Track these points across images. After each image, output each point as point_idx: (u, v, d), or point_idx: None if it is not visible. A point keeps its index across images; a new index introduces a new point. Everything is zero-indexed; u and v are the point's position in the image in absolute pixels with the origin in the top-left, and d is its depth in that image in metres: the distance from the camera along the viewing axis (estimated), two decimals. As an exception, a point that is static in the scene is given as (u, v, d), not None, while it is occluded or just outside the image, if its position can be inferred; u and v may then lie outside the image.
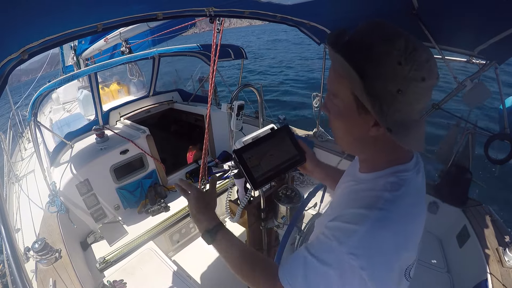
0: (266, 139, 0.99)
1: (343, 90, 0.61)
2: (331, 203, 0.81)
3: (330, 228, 0.60)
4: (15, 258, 1.09)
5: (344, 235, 0.56)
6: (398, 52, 0.52)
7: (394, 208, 0.58)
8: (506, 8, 1.00)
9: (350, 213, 0.60)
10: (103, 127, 3.05)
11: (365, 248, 0.55)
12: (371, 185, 0.66)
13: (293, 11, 1.81)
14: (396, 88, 0.53)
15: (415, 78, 0.52)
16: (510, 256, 1.69)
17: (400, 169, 0.64)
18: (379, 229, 0.56)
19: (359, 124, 0.61)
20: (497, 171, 1.96)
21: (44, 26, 1.05)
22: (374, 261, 0.55)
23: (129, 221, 2.81)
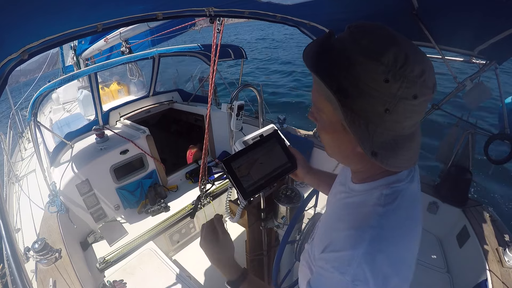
0: (255, 146, 0.95)
1: (327, 107, 0.57)
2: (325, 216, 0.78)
3: (327, 261, 0.58)
4: (15, 258, 1.09)
5: (343, 264, 0.54)
6: (386, 68, 0.46)
7: (388, 222, 0.56)
8: (506, 8, 1.00)
9: (343, 237, 0.58)
10: (103, 127, 3.05)
11: (367, 271, 0.52)
12: (364, 197, 0.63)
13: (293, 11, 1.81)
14: (383, 108, 0.48)
15: (406, 96, 0.47)
16: (510, 256, 1.69)
17: (394, 180, 0.61)
18: (376, 247, 0.54)
19: (346, 141, 0.59)
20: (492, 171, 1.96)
21: (44, 26, 1.05)
22: (379, 281, 0.53)
23: (129, 221, 2.81)
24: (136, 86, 4.92)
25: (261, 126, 1.86)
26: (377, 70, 0.46)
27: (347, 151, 0.61)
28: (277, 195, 1.63)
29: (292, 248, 1.47)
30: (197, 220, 2.95)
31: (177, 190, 3.24)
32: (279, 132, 1.35)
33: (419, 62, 0.47)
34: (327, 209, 0.81)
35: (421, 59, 0.48)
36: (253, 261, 1.86)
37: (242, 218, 1.57)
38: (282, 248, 1.30)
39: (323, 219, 0.78)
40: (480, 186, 4.44)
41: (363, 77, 0.48)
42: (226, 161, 0.89)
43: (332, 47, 0.53)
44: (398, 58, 0.46)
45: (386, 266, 0.53)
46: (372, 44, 0.48)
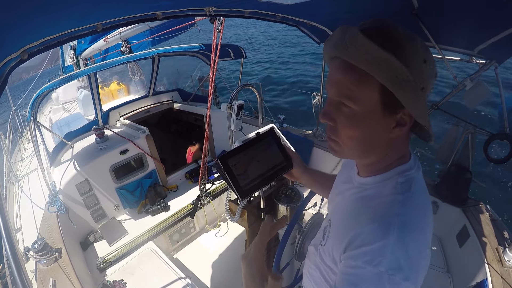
0: (252, 144, 0.92)
1: (366, 90, 0.56)
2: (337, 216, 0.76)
3: (356, 257, 0.57)
4: (15, 258, 1.09)
5: (375, 256, 0.54)
6: (422, 50, 0.53)
7: (411, 209, 0.57)
8: (506, 8, 1.00)
9: (369, 230, 0.57)
10: (102, 127, 3.05)
11: (401, 258, 0.53)
12: (380, 189, 0.64)
13: (293, 10, 1.81)
14: (421, 86, 0.54)
15: (432, 75, 0.55)
16: (510, 256, 1.69)
17: (405, 168, 0.63)
18: (407, 234, 0.54)
19: (381, 127, 0.59)
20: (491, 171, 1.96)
21: (44, 26, 1.05)
22: (413, 267, 0.54)
23: (129, 221, 2.81)
24: (136, 86, 4.92)
25: (261, 126, 1.86)
26: (419, 52, 0.53)
27: (379, 140, 0.61)
28: (277, 195, 1.63)
29: (293, 248, 1.47)
30: (197, 219, 2.95)
31: (177, 190, 3.24)
32: (276, 130, 1.35)
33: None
34: (336, 209, 0.79)
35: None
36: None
37: (242, 218, 1.57)
38: (282, 247, 1.30)
39: (334, 220, 0.76)
40: (480, 185, 4.44)
41: (411, 56, 0.52)
42: (223, 158, 0.86)
43: (368, 29, 0.54)
44: (423, 44, 0.54)
45: (416, 251, 0.54)
46: (405, 30, 0.54)
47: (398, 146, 0.63)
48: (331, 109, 0.62)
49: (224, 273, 2.54)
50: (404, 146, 0.64)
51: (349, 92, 0.57)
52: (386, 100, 0.55)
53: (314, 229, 1.58)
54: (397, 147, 0.63)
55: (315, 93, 3.30)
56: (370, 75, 0.53)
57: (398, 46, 0.52)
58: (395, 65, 0.50)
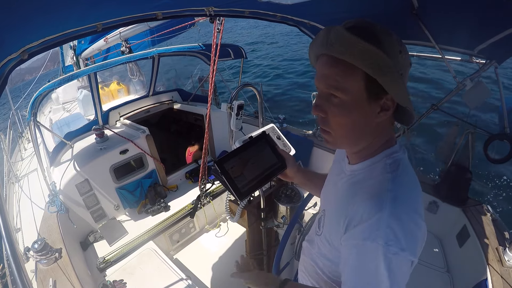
0: (246, 147, 0.97)
1: (352, 80, 0.62)
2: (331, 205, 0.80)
3: (355, 236, 0.61)
4: (15, 258, 1.09)
5: (372, 230, 0.57)
6: (397, 43, 0.61)
7: (400, 185, 0.62)
8: (506, 8, 1.00)
9: (362, 209, 0.61)
10: (102, 127, 3.05)
11: (396, 229, 0.56)
12: (369, 172, 0.69)
13: (293, 10, 1.81)
14: (400, 72, 0.60)
15: (407, 64, 0.63)
16: (510, 256, 1.69)
17: (392, 151, 0.69)
18: (399, 207, 0.58)
19: (367, 113, 0.64)
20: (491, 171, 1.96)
21: (44, 26, 1.05)
22: (409, 238, 0.56)
23: (129, 221, 2.81)
24: (136, 86, 4.92)
25: (261, 126, 1.86)
26: (395, 44, 0.61)
27: (366, 125, 0.66)
28: (277, 195, 1.64)
29: (293, 248, 1.47)
30: (197, 219, 2.95)
31: (177, 189, 3.24)
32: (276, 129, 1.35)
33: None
34: (329, 198, 0.83)
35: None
36: (253, 261, 1.86)
37: (242, 218, 1.57)
38: (282, 247, 1.30)
39: (328, 208, 0.80)
40: (480, 185, 4.44)
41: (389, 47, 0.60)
42: (219, 162, 0.90)
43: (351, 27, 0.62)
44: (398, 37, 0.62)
45: (410, 222, 0.58)
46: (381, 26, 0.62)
47: (384, 131, 0.69)
48: (321, 101, 0.67)
49: (224, 273, 2.54)
50: (388, 131, 0.70)
51: (337, 83, 0.63)
52: (370, 88, 0.61)
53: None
54: (383, 132, 0.69)
55: (315, 93, 3.30)
56: (354, 66, 0.60)
57: (377, 39, 0.59)
58: (377, 54, 0.57)
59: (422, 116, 2.18)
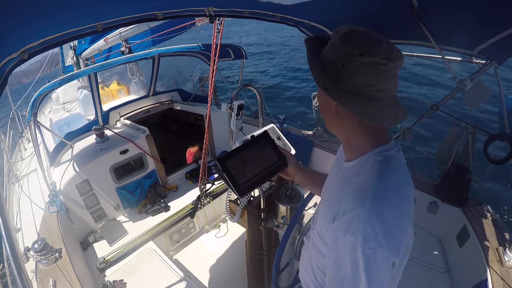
0: (247, 146, 0.99)
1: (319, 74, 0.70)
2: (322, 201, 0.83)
3: (338, 228, 0.62)
4: (15, 258, 1.09)
5: (352, 224, 0.59)
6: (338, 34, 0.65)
7: (386, 182, 0.63)
8: (506, 8, 1.00)
9: (346, 202, 0.63)
10: (103, 127, 3.05)
11: (376, 225, 0.57)
12: (358, 169, 0.71)
13: (293, 11, 1.81)
14: (340, 62, 0.64)
15: (353, 53, 0.62)
16: (510, 256, 1.69)
17: (383, 149, 0.70)
18: (381, 204, 0.59)
19: (326, 102, 0.72)
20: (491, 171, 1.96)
21: (44, 26, 1.05)
22: (390, 235, 0.57)
23: (129, 221, 2.81)
24: (136, 86, 4.92)
25: (261, 126, 1.86)
26: (336, 38, 0.66)
27: (329, 113, 0.74)
28: (277, 195, 1.63)
29: (293, 248, 1.47)
30: (197, 220, 2.95)
31: (177, 190, 3.24)
32: (276, 130, 1.35)
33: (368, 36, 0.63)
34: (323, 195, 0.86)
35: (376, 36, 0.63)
36: (253, 261, 1.86)
37: (242, 218, 1.57)
38: (282, 248, 1.30)
39: (322, 203, 0.83)
40: (480, 185, 4.43)
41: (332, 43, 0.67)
42: (221, 159, 0.92)
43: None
44: (350, 31, 0.65)
45: (392, 220, 0.58)
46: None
47: (369, 130, 0.71)
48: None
49: (224, 273, 2.54)
50: (379, 131, 0.71)
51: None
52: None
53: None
54: (368, 130, 0.71)
55: (315, 93, 3.30)
56: None
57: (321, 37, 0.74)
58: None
59: (422, 116, 2.17)
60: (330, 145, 3.15)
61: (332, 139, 3.21)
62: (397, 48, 0.63)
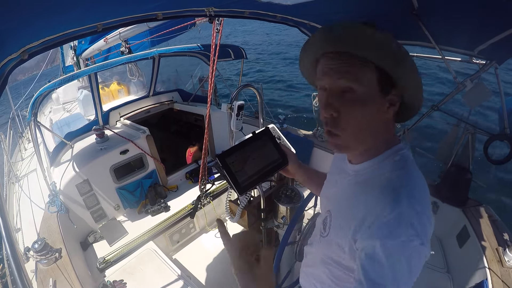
0: (248, 142, 0.97)
1: (367, 74, 0.61)
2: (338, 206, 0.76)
3: (373, 236, 0.57)
4: (15, 258, 1.09)
5: (392, 228, 0.56)
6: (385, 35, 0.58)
7: (412, 180, 0.62)
8: (506, 8, 1.00)
9: (379, 207, 0.59)
10: (103, 127, 3.05)
11: (416, 224, 0.55)
12: (378, 170, 0.67)
13: (293, 11, 1.81)
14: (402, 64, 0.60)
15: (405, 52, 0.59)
16: (510, 256, 1.68)
17: (398, 148, 0.68)
18: (415, 202, 0.57)
19: (379, 108, 0.63)
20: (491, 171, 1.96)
21: (44, 26, 1.05)
22: (424, 231, 0.56)
23: (129, 221, 2.81)
24: (136, 86, 4.92)
25: (261, 126, 1.86)
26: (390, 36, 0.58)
27: (378, 121, 0.65)
28: (277, 195, 1.64)
29: (293, 248, 1.47)
30: (197, 220, 2.95)
31: (177, 190, 3.24)
32: (276, 130, 1.35)
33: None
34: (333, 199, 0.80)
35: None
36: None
37: (242, 218, 1.57)
38: (282, 248, 1.30)
39: (335, 209, 0.77)
40: (480, 186, 4.43)
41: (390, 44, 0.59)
42: (221, 156, 0.91)
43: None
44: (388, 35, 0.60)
45: (425, 217, 0.57)
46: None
47: (388, 128, 0.68)
48: (333, 99, 0.63)
49: (224, 273, 2.54)
50: (392, 129, 0.70)
51: (352, 75, 0.61)
52: (382, 81, 0.61)
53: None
54: (387, 129, 0.68)
55: (315, 94, 3.29)
56: (366, 59, 0.59)
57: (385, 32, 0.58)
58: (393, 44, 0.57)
59: (422, 116, 2.17)
60: (330, 145, 3.14)
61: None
62: None
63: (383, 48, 0.58)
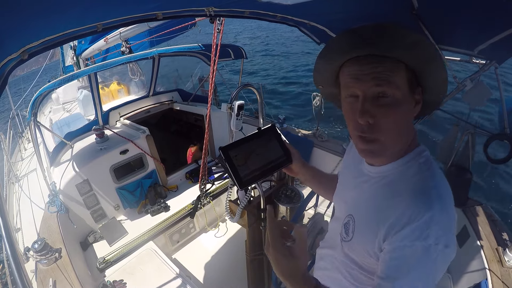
0: (252, 138, 0.96)
1: (400, 75, 0.61)
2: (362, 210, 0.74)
3: (403, 238, 0.57)
4: (15, 258, 1.09)
5: (423, 230, 0.56)
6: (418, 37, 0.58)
7: (440, 181, 0.63)
8: (506, 8, 1.00)
9: (412, 208, 0.58)
10: (103, 127, 3.05)
11: (444, 226, 0.56)
12: (403, 173, 0.67)
13: (293, 11, 1.81)
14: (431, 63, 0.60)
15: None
16: (510, 256, 1.68)
17: (421, 150, 0.68)
18: (445, 203, 0.59)
19: (412, 106, 0.64)
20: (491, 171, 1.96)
21: (44, 26, 1.05)
22: (451, 233, 0.57)
23: (129, 221, 2.81)
24: (136, 86, 4.92)
25: (261, 126, 1.86)
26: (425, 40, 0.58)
27: (410, 121, 0.67)
28: (277, 195, 1.63)
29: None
30: (197, 220, 2.95)
31: (177, 190, 3.24)
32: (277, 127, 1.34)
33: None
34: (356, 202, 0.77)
35: None
36: (253, 261, 1.86)
37: (242, 218, 1.57)
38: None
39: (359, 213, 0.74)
40: (480, 186, 4.44)
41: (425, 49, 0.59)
42: (224, 148, 0.90)
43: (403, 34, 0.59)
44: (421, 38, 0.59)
45: (453, 218, 0.58)
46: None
47: (411, 128, 0.68)
48: (369, 105, 0.61)
49: (224, 273, 2.54)
50: (413, 128, 0.69)
51: (389, 78, 0.60)
52: (411, 80, 0.62)
53: (315, 229, 1.58)
54: (411, 129, 0.68)
55: (315, 94, 3.30)
56: (398, 61, 0.59)
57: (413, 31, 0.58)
58: (426, 43, 0.57)
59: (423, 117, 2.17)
60: (330, 145, 3.15)
61: (332, 139, 3.21)
62: None
63: (417, 49, 0.57)
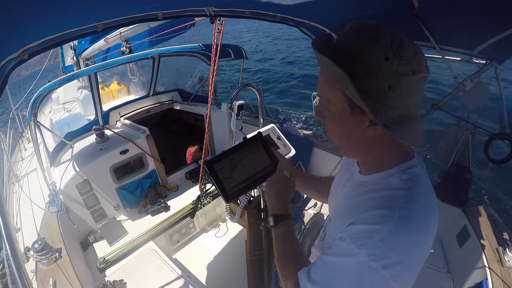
0: (238, 148, 0.94)
1: (335, 94, 0.60)
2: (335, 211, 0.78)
3: (348, 233, 0.59)
4: (15, 258, 1.09)
5: (363, 237, 0.55)
6: (385, 48, 0.52)
7: (413, 205, 0.58)
8: (506, 8, 1.00)
9: (369, 215, 0.58)
10: (103, 127, 3.05)
11: (389, 248, 0.53)
12: (383, 185, 0.64)
13: (293, 11, 1.81)
14: (387, 85, 0.53)
15: (405, 72, 0.52)
16: (510, 256, 1.69)
17: (409, 165, 0.63)
18: (403, 227, 0.55)
19: (355, 126, 0.61)
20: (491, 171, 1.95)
21: (44, 26, 1.05)
22: (401, 263, 0.54)
23: (129, 221, 2.81)
24: (136, 86, 4.92)
25: (261, 126, 1.86)
26: (379, 50, 0.52)
27: (356, 139, 0.63)
28: (277, 195, 1.63)
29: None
30: (197, 219, 2.95)
31: (177, 190, 3.24)
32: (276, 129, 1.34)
33: (411, 44, 0.54)
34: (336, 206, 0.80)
35: (412, 43, 0.54)
36: (253, 261, 1.86)
37: (242, 218, 1.57)
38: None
39: (334, 216, 0.78)
40: (480, 186, 4.43)
41: (369, 57, 0.53)
42: (209, 162, 0.89)
43: (338, 36, 0.59)
44: (394, 40, 0.52)
45: (409, 248, 0.55)
46: (369, 30, 0.54)
47: (389, 144, 0.63)
48: (321, 106, 0.67)
49: (224, 273, 2.54)
50: (401, 144, 0.61)
51: (325, 92, 0.62)
52: (350, 101, 0.57)
53: (315, 229, 1.58)
54: (388, 144, 0.63)
55: (315, 94, 3.29)
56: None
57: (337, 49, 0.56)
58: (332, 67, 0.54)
59: (423, 116, 2.17)
60: (330, 145, 3.14)
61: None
62: None
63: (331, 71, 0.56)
